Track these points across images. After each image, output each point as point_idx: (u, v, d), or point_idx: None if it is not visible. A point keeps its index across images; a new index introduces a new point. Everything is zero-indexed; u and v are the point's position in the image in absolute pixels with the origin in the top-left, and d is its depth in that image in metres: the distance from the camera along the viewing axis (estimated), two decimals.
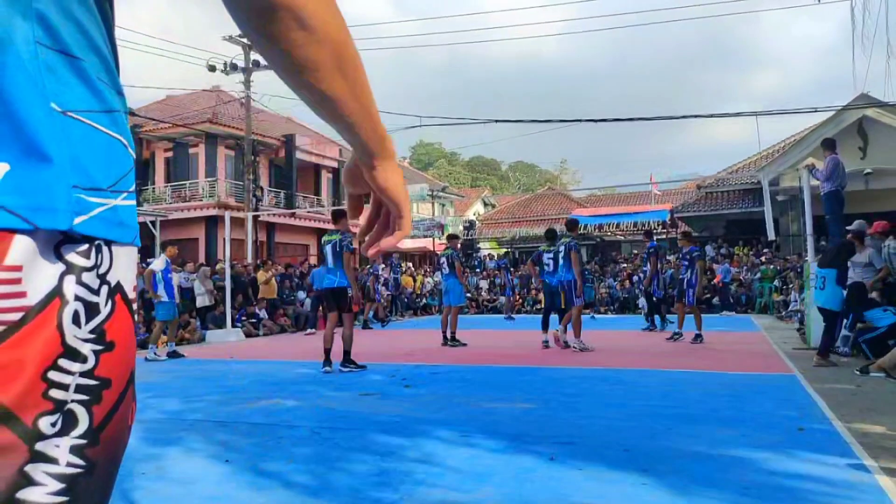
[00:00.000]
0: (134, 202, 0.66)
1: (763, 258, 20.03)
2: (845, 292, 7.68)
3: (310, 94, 0.78)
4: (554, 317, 10.18)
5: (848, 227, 9.16)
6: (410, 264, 26.81)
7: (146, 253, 21.41)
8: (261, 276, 15.30)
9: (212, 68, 20.46)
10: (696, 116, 22.77)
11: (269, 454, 3.86)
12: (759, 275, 19.13)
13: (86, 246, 0.59)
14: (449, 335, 10.49)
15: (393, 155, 0.88)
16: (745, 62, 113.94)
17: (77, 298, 0.58)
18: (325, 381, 6.91)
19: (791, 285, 16.60)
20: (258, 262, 17.67)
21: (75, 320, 0.58)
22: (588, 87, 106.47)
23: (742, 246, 23.22)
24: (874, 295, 8.00)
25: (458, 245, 11.61)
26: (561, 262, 9.59)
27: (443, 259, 11.05)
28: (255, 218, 20.46)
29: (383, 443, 4.08)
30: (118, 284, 0.63)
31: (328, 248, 7.77)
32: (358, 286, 7.57)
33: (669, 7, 43.13)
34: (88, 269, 0.59)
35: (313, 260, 23.78)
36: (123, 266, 0.64)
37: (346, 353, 7.68)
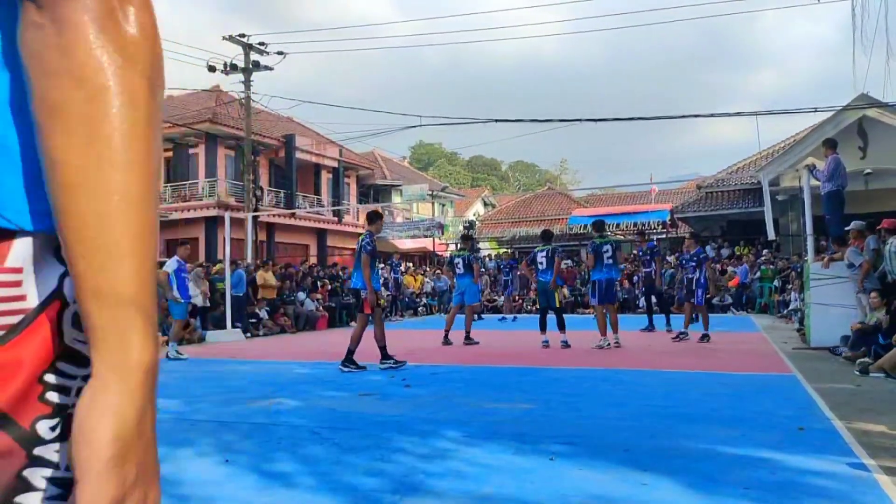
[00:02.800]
0: None
1: (763, 258, 20.03)
2: None
3: (43, 160, 0.50)
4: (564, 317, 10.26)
5: (847, 228, 9.17)
6: (410, 264, 26.80)
7: None
8: (260, 276, 15.29)
9: (212, 68, 20.46)
10: (696, 116, 22.73)
11: (269, 454, 3.86)
12: (759, 275, 19.14)
13: None
14: (463, 334, 10.65)
15: (135, 370, 0.50)
16: (745, 62, 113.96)
17: (77, 301, 0.57)
18: (325, 381, 6.91)
19: (791, 285, 16.59)
20: (258, 261, 17.66)
21: (76, 323, 0.56)
22: (588, 87, 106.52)
23: (742, 246, 23.22)
24: (873, 296, 7.99)
25: (468, 245, 11.68)
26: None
27: (458, 259, 11.11)
28: (255, 218, 20.45)
29: (383, 443, 4.08)
30: None
31: (357, 249, 7.89)
32: (372, 287, 7.54)
33: (669, 7, 43.18)
34: None
35: (313, 260, 23.80)
36: None
37: (350, 351, 7.66)
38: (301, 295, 16.33)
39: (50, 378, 0.55)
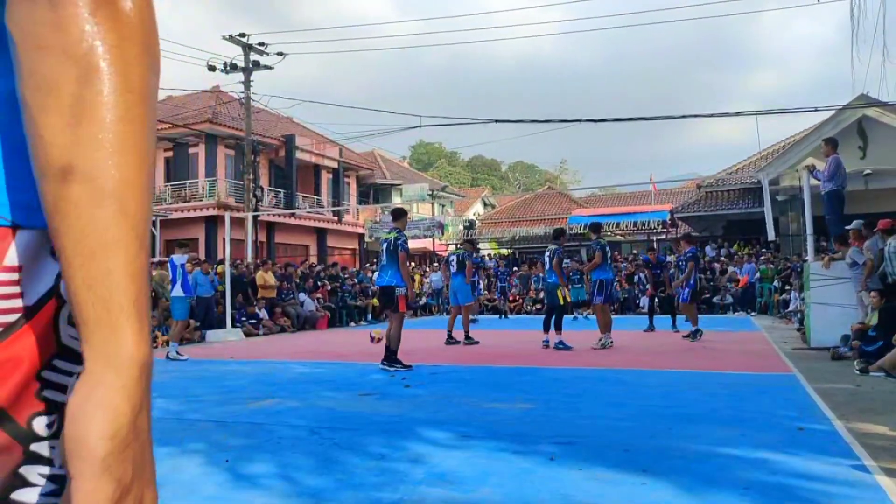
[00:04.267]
0: None
1: (763, 258, 20.03)
2: None
3: (28, 137, 0.48)
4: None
5: (847, 227, 9.17)
6: (412, 264, 26.80)
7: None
8: (260, 276, 15.30)
9: (212, 68, 20.47)
10: (696, 116, 22.69)
11: (268, 454, 3.86)
12: (758, 275, 19.14)
13: None
14: (456, 334, 10.61)
15: (128, 364, 0.47)
16: (745, 62, 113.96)
17: None
18: (325, 381, 6.91)
19: (791, 285, 16.59)
20: (258, 261, 17.66)
21: (73, 321, 0.55)
22: (588, 87, 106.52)
23: (742, 246, 23.23)
24: (873, 296, 7.99)
25: (470, 247, 11.69)
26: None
27: (452, 257, 11.13)
28: (255, 218, 20.46)
29: (383, 443, 4.08)
30: None
31: (384, 246, 7.75)
32: (412, 286, 7.52)
33: (669, 7, 43.13)
34: None
35: (313, 260, 23.79)
36: None
37: (392, 352, 7.57)
38: (301, 295, 16.34)
39: (47, 375, 0.55)
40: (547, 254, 10.01)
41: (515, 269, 24.59)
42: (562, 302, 9.79)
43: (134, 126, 0.48)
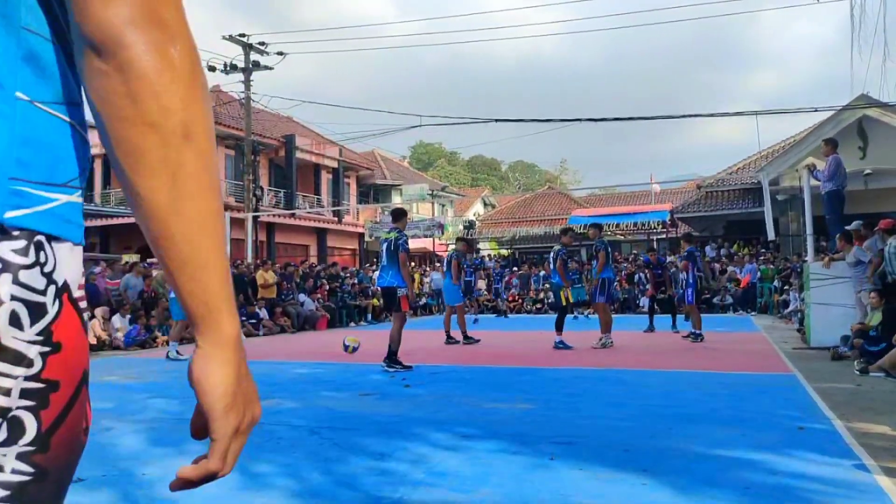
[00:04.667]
0: (82, 200, 0.63)
1: (763, 258, 20.03)
2: None
3: (123, 187, 0.60)
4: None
5: (847, 227, 9.16)
6: (412, 264, 26.80)
7: (147, 253, 21.44)
8: (260, 276, 15.29)
9: (212, 68, 20.46)
10: (696, 116, 22.80)
11: (268, 454, 3.86)
12: (759, 275, 19.14)
13: (23, 243, 0.56)
14: (457, 334, 10.63)
15: (227, 342, 0.64)
16: (745, 62, 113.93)
17: (15, 298, 0.55)
18: (325, 381, 6.91)
19: (791, 285, 16.59)
20: (258, 261, 17.66)
21: (14, 321, 0.55)
22: (588, 87, 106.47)
23: (742, 246, 23.23)
24: (872, 296, 7.99)
25: (464, 247, 11.65)
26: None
27: (446, 259, 11.21)
28: (255, 218, 20.46)
29: (383, 443, 4.08)
30: (65, 284, 0.60)
31: (384, 247, 7.75)
32: (412, 286, 7.53)
33: (669, 7, 43.16)
34: (28, 267, 0.56)
35: (313, 260, 23.79)
36: (69, 265, 0.61)
37: (393, 352, 7.58)
38: (301, 295, 16.33)
39: None
40: (552, 254, 10.07)
41: (515, 269, 24.58)
42: (564, 303, 9.79)
43: (210, 172, 0.61)
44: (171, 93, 0.56)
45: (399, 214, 8.05)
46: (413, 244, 32.42)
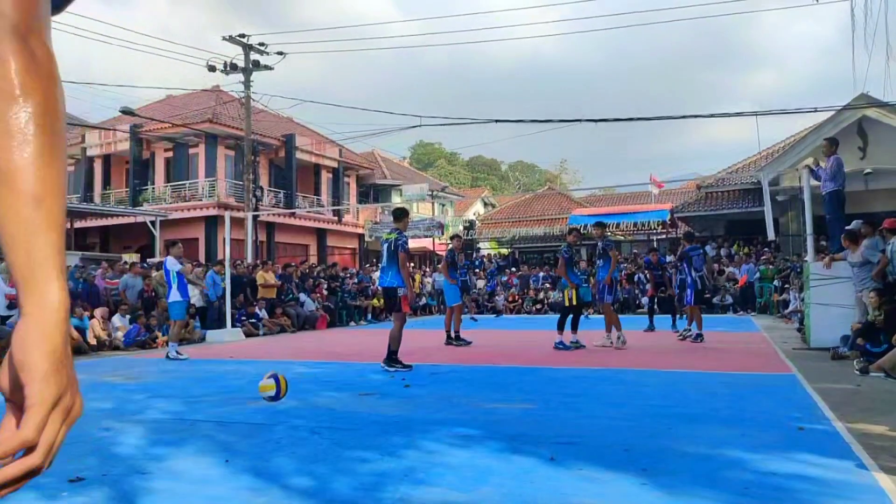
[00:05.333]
0: None
1: (763, 258, 20.03)
2: None
3: None
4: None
5: (847, 227, 9.15)
6: (411, 264, 26.79)
7: (147, 253, 21.45)
8: (260, 276, 15.29)
9: (212, 68, 20.47)
10: (696, 116, 22.76)
11: (268, 454, 3.86)
12: (758, 275, 19.15)
13: None
14: (452, 334, 10.62)
15: (51, 307, 0.62)
16: (745, 62, 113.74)
17: None
18: (325, 381, 6.91)
19: (791, 285, 16.59)
20: (258, 261, 17.66)
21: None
22: (588, 86, 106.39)
23: (742, 246, 23.23)
24: (871, 296, 7.99)
25: (457, 244, 11.62)
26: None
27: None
28: (255, 218, 20.45)
29: (383, 443, 4.08)
30: None
31: (384, 247, 7.77)
32: (412, 286, 7.56)
33: (669, 7, 43.16)
34: None
35: (313, 260, 23.79)
36: None
37: (392, 352, 7.59)
38: (301, 295, 16.33)
39: None
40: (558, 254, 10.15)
41: (514, 269, 24.58)
42: (567, 304, 9.78)
43: (49, 138, 0.63)
44: (24, 68, 0.62)
45: (400, 214, 8.05)
46: (413, 244, 32.45)
